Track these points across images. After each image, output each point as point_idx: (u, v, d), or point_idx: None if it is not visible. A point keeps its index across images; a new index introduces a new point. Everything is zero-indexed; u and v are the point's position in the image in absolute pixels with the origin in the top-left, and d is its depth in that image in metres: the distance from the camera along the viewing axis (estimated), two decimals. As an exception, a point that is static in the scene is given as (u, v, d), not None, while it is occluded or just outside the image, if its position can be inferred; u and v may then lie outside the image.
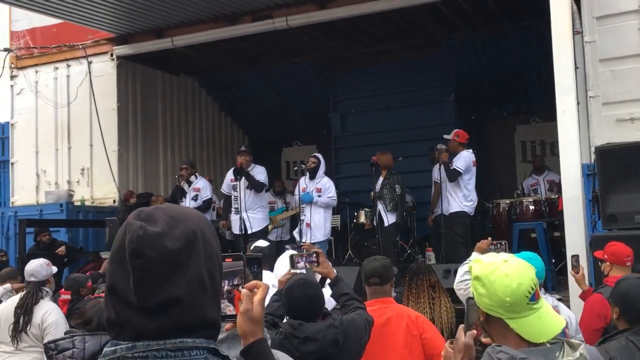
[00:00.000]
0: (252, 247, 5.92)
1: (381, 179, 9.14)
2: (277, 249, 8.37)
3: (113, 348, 1.30)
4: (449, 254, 8.60)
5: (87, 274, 6.88)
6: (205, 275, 1.34)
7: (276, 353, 2.50)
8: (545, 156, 12.02)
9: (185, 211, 1.40)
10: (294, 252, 4.44)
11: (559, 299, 5.16)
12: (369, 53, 12.18)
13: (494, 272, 2.15)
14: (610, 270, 4.71)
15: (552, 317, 2.17)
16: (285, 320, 3.20)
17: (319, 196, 9.15)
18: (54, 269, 5.37)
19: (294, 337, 3.03)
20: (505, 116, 13.15)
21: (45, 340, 4.98)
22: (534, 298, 2.14)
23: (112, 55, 11.44)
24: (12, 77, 12.21)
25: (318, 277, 3.80)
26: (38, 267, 5.32)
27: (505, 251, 4.50)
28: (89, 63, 11.54)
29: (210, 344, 1.33)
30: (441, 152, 8.88)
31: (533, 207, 9.56)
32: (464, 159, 8.67)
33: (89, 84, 11.44)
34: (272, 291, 3.52)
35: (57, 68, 11.87)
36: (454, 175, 8.66)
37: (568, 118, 6.25)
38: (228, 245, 10.05)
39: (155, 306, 1.28)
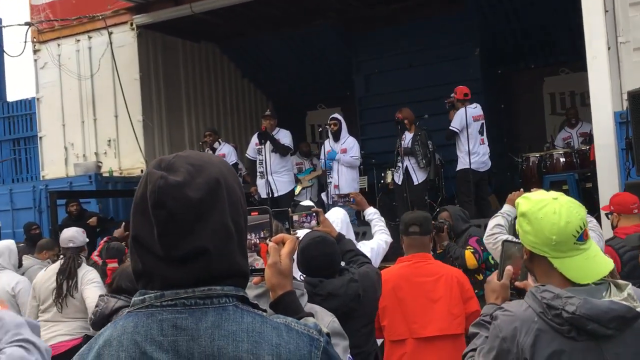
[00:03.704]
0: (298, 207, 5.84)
1: (410, 134, 9.03)
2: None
3: (141, 297, 1.28)
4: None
5: (123, 243, 6.97)
6: (230, 223, 1.30)
7: (313, 307, 2.49)
8: (575, 108, 11.77)
9: (207, 158, 1.35)
10: (341, 208, 4.40)
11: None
12: (390, 12, 11.96)
13: (542, 209, 2.08)
14: (618, 220, 4.64)
15: (600, 259, 2.09)
16: (301, 279, 3.15)
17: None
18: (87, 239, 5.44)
19: (315, 294, 2.99)
20: (532, 69, 12.85)
21: (85, 294, 5.11)
22: (582, 238, 2.07)
23: (131, 24, 11.39)
24: (35, 51, 12.24)
25: None
26: (75, 233, 5.45)
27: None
28: (110, 34, 11.50)
29: (239, 292, 1.31)
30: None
31: (564, 159, 9.40)
32: (458, 117, 8.61)
33: (110, 55, 11.43)
34: None
35: (78, 40, 11.87)
36: (449, 136, 8.74)
37: (599, 63, 6.10)
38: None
39: (182, 256, 1.25)
